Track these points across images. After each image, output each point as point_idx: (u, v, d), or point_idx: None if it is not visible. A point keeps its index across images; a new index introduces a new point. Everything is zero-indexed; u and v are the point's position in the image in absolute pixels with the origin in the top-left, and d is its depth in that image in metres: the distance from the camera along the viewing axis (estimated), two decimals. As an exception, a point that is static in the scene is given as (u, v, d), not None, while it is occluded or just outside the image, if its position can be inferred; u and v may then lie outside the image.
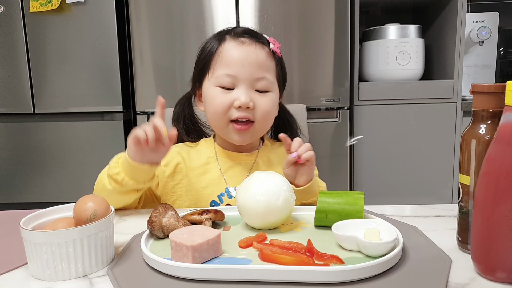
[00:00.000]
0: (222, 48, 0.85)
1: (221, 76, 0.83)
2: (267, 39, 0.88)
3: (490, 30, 2.01)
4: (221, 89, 0.84)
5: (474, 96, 0.57)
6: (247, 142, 0.89)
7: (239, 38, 0.85)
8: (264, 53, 0.85)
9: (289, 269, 0.50)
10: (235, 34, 0.87)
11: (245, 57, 0.83)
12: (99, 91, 1.81)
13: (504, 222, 0.48)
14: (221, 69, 0.84)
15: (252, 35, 0.87)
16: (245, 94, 0.82)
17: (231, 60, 0.83)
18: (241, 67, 0.83)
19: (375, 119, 1.84)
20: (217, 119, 0.86)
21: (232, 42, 0.85)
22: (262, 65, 0.85)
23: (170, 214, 0.63)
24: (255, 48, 0.85)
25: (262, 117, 0.85)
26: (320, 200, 0.66)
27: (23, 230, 0.53)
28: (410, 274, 0.51)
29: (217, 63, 0.85)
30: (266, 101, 0.85)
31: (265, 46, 0.86)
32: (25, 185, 1.90)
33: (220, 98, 0.84)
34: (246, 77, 0.83)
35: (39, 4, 1.74)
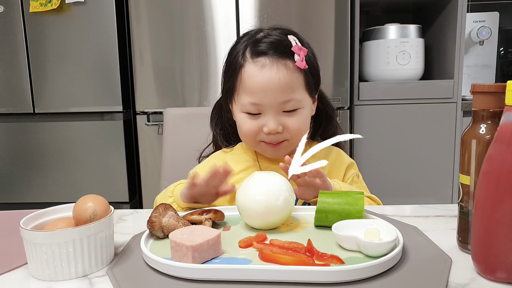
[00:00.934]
0: (243, 72, 0.81)
1: (246, 104, 0.80)
2: (292, 49, 0.80)
3: (490, 30, 2.01)
4: (247, 115, 0.82)
5: (474, 96, 0.57)
6: (282, 155, 0.83)
7: (259, 59, 0.79)
8: (287, 72, 0.79)
9: (289, 269, 0.50)
10: (256, 52, 0.80)
11: (267, 84, 0.78)
12: (99, 91, 1.81)
13: (504, 222, 0.48)
14: (245, 96, 0.80)
15: (274, 51, 0.79)
16: (272, 120, 0.79)
17: (253, 87, 0.79)
18: (264, 95, 0.78)
19: (375, 119, 1.84)
20: (247, 141, 0.86)
21: (253, 66, 0.79)
22: (286, 87, 0.79)
23: (170, 214, 0.63)
24: (277, 70, 0.78)
25: (294, 135, 0.82)
26: (320, 200, 0.66)
27: (23, 230, 0.53)
28: (410, 274, 0.51)
29: (240, 88, 0.81)
30: (295, 121, 0.81)
31: (289, 61, 0.80)
32: (25, 185, 1.90)
33: (248, 125, 0.82)
34: (271, 103, 0.79)
35: (39, 4, 1.74)
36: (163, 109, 1.33)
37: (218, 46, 1.77)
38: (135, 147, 1.91)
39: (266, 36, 0.83)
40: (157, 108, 1.80)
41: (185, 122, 1.21)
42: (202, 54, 1.77)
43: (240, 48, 0.83)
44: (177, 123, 1.22)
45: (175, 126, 1.20)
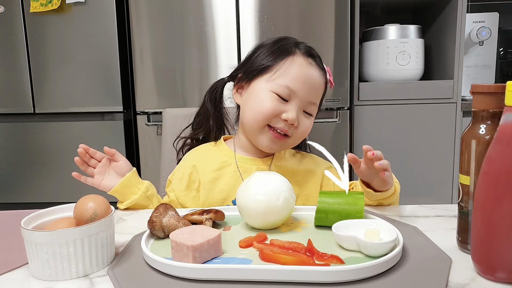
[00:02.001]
0: (292, 59, 0.86)
1: (282, 85, 0.84)
2: (326, 68, 0.90)
3: (490, 30, 2.01)
4: (276, 96, 0.84)
5: (474, 96, 0.57)
6: (276, 151, 0.90)
7: (308, 58, 0.87)
8: (323, 81, 0.88)
9: (289, 269, 0.50)
10: (308, 52, 0.88)
11: (309, 78, 0.85)
12: (99, 91, 1.81)
13: (504, 222, 0.48)
14: (285, 79, 0.84)
15: (320, 61, 0.90)
16: (294, 111, 0.84)
17: (297, 75, 0.84)
18: (302, 85, 0.84)
19: (375, 119, 1.84)
20: (257, 119, 0.85)
21: (302, 59, 0.86)
22: (318, 91, 0.88)
23: (170, 214, 0.63)
24: (319, 74, 0.87)
25: (299, 137, 0.88)
26: (320, 200, 0.66)
27: (24, 230, 0.53)
28: (410, 274, 0.52)
29: (284, 71, 0.85)
30: (307, 124, 0.87)
31: (324, 74, 0.89)
32: (25, 185, 1.90)
33: (272, 104, 0.84)
34: (302, 96, 0.84)
35: (39, 4, 1.74)
36: (163, 109, 1.33)
37: (218, 46, 1.77)
38: (135, 147, 1.92)
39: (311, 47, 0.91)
40: (157, 108, 1.80)
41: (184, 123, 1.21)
42: (202, 54, 1.77)
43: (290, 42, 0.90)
44: (176, 124, 1.22)
45: (174, 126, 1.20)
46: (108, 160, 0.89)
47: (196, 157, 0.93)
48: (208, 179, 0.89)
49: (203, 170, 0.90)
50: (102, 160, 0.88)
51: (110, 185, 0.85)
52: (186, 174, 0.91)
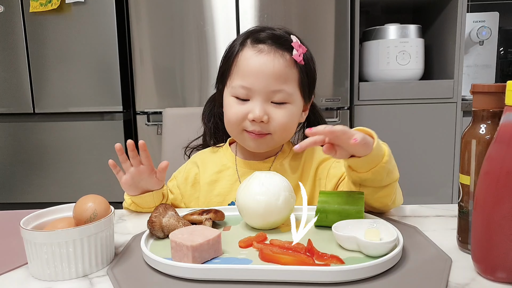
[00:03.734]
0: (240, 55, 0.81)
1: (237, 87, 0.80)
2: (292, 44, 0.81)
3: (490, 30, 2.01)
4: (236, 99, 0.81)
5: (474, 96, 0.57)
6: (263, 150, 0.85)
7: (258, 45, 0.80)
8: (283, 62, 0.79)
9: (289, 269, 0.50)
10: (255, 39, 0.81)
11: (261, 68, 0.78)
12: (99, 91, 1.81)
13: (504, 222, 0.48)
14: (237, 79, 0.81)
15: (274, 41, 0.80)
16: (259, 107, 0.78)
17: (247, 70, 0.79)
18: (256, 79, 0.78)
19: (375, 119, 1.84)
20: (231, 128, 0.84)
21: (250, 50, 0.80)
22: (279, 76, 0.79)
23: (170, 214, 0.63)
24: (273, 57, 0.79)
25: (279, 130, 0.81)
26: (320, 200, 0.66)
27: (23, 230, 0.53)
28: (410, 274, 0.51)
29: (234, 71, 0.82)
30: (282, 114, 0.80)
31: (286, 53, 0.80)
32: (25, 185, 1.90)
33: (234, 109, 0.81)
34: (261, 89, 0.78)
35: (39, 4, 1.74)
36: (163, 109, 1.33)
37: (218, 46, 1.77)
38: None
39: (269, 29, 0.84)
40: (157, 108, 1.80)
41: (184, 122, 1.21)
42: (202, 54, 1.77)
43: (241, 37, 0.85)
44: (176, 123, 1.22)
45: (174, 126, 1.20)
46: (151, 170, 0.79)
47: (200, 159, 0.93)
48: (207, 181, 0.88)
49: (204, 172, 0.90)
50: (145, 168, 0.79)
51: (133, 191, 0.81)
52: (191, 174, 0.90)
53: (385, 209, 0.73)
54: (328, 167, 0.87)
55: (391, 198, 0.71)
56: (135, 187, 0.80)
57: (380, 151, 0.65)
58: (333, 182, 0.85)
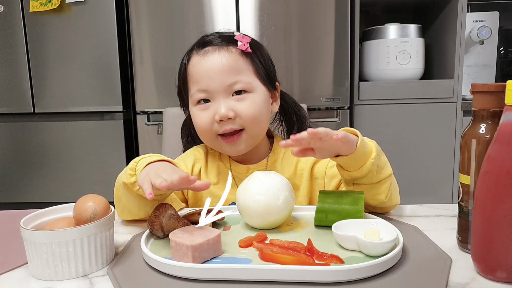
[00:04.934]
0: (189, 66, 0.83)
1: (194, 93, 0.81)
2: (234, 37, 0.82)
3: (490, 29, 2.01)
4: (199, 105, 0.81)
5: (474, 95, 0.57)
6: (243, 151, 0.83)
7: (202, 49, 0.82)
8: (229, 56, 0.80)
9: (289, 268, 0.50)
10: (199, 45, 0.83)
11: (211, 68, 0.79)
12: (99, 91, 1.81)
13: (504, 222, 0.48)
14: (193, 86, 0.81)
15: (217, 40, 0.82)
16: (222, 105, 0.78)
17: (199, 75, 0.80)
18: (209, 79, 0.79)
19: (375, 119, 1.84)
20: (204, 137, 0.84)
21: (196, 57, 0.82)
22: (230, 69, 0.79)
23: (170, 213, 0.63)
24: (218, 54, 0.80)
25: (250, 122, 0.80)
26: (320, 200, 0.66)
27: (23, 229, 0.53)
28: (410, 273, 0.51)
29: (189, 82, 0.83)
30: (247, 105, 0.79)
31: (232, 47, 0.81)
32: (25, 185, 1.90)
33: (201, 117, 0.81)
34: (217, 88, 0.79)
35: (39, 4, 1.74)
36: (163, 109, 1.33)
37: (218, 46, 1.77)
38: (135, 147, 1.92)
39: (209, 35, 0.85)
40: (157, 108, 1.80)
41: (185, 122, 1.21)
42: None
43: (186, 55, 0.86)
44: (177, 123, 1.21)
45: (174, 125, 1.20)
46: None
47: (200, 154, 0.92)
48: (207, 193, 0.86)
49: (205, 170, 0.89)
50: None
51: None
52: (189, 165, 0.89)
53: (381, 206, 0.73)
54: (325, 166, 0.86)
55: (385, 195, 0.70)
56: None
57: (366, 148, 0.65)
58: (334, 182, 0.85)
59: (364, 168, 0.65)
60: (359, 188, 0.69)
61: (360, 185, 0.69)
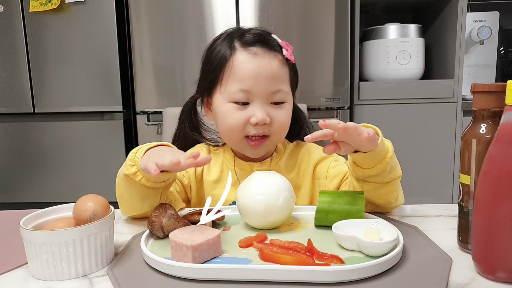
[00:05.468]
0: (234, 60, 0.80)
1: (235, 92, 0.78)
2: (279, 43, 0.82)
3: (491, 29, 2.01)
4: (235, 105, 0.79)
5: (475, 95, 0.57)
6: (261, 155, 0.85)
7: (250, 48, 0.79)
8: (277, 63, 0.80)
9: (289, 269, 0.50)
10: (245, 42, 0.80)
11: (259, 71, 0.78)
12: (99, 91, 1.81)
13: (504, 222, 0.48)
14: (234, 84, 0.79)
15: (264, 43, 0.80)
16: (261, 110, 0.78)
17: (245, 74, 0.78)
18: (255, 82, 0.78)
19: (375, 119, 1.84)
20: (231, 135, 0.82)
21: (244, 54, 0.79)
22: (276, 77, 0.79)
23: (170, 213, 0.63)
24: (269, 59, 0.79)
25: (278, 131, 0.81)
26: (320, 200, 0.66)
27: (23, 230, 0.53)
28: (411, 274, 0.51)
29: (229, 77, 0.80)
30: (282, 114, 0.81)
31: (278, 53, 0.81)
32: (25, 185, 1.90)
33: (235, 116, 0.79)
34: (261, 92, 0.78)
35: (39, 4, 1.74)
36: (163, 109, 1.33)
37: (218, 46, 1.77)
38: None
39: (249, 30, 0.83)
40: (157, 108, 1.80)
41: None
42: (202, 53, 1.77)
43: (225, 42, 0.83)
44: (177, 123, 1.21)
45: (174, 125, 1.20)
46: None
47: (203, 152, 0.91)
48: (212, 179, 0.87)
49: (208, 168, 0.88)
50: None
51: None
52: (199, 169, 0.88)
53: (387, 206, 0.73)
54: (326, 166, 0.87)
55: (393, 195, 0.71)
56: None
57: (384, 147, 0.66)
58: (335, 182, 0.84)
59: (379, 167, 0.65)
60: (368, 186, 0.69)
61: (370, 183, 0.69)
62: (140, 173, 0.66)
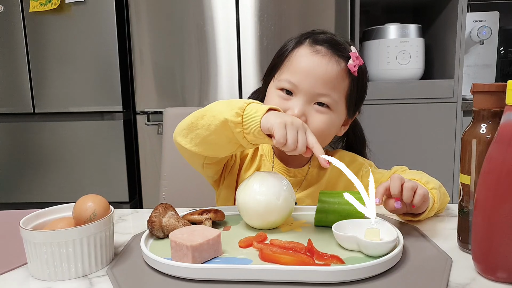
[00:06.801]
0: (295, 52, 0.80)
1: (283, 80, 0.78)
2: (350, 53, 0.78)
3: (491, 29, 2.01)
4: (280, 93, 0.79)
5: (475, 95, 0.57)
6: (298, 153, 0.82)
7: (316, 46, 0.79)
8: (336, 69, 0.77)
9: (289, 269, 0.50)
10: (314, 40, 0.80)
11: (313, 68, 0.76)
12: (99, 91, 1.81)
13: (504, 222, 0.48)
14: (286, 73, 0.79)
15: (332, 45, 0.79)
16: (299, 106, 0.75)
17: (298, 67, 0.78)
18: (304, 77, 0.76)
19: (375, 119, 1.84)
20: None
21: (307, 49, 0.79)
22: (328, 81, 0.76)
23: (170, 214, 0.63)
24: (328, 61, 0.77)
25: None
26: (320, 200, 0.66)
27: (23, 230, 0.53)
28: (411, 274, 0.51)
29: (285, 66, 0.80)
30: (321, 119, 0.77)
31: (342, 61, 0.78)
32: (25, 185, 1.90)
33: (275, 102, 0.78)
34: (306, 89, 0.76)
35: (38, 4, 1.74)
36: (163, 109, 1.32)
37: (218, 46, 1.77)
38: (135, 147, 1.91)
39: (330, 34, 0.83)
40: (157, 108, 1.80)
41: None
42: (202, 54, 1.77)
43: (301, 36, 0.83)
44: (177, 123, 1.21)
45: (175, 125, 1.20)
46: None
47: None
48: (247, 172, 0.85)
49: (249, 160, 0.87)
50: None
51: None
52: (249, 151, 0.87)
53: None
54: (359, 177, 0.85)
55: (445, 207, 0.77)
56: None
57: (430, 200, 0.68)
58: None
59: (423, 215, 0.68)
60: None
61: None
62: (242, 126, 0.62)
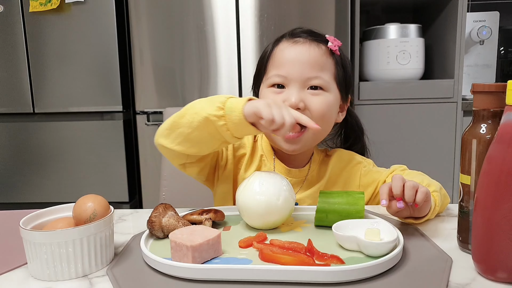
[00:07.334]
0: (276, 50, 0.82)
1: (272, 76, 0.80)
2: (326, 37, 0.82)
3: (491, 29, 2.01)
4: (272, 89, 0.80)
5: (475, 95, 0.57)
6: (297, 151, 0.81)
7: (294, 38, 0.82)
8: (319, 51, 0.80)
9: (289, 269, 0.50)
10: (292, 34, 0.83)
11: (296, 56, 0.79)
12: (99, 91, 1.81)
13: (505, 222, 0.48)
14: (273, 70, 0.81)
15: (309, 34, 0.82)
16: (295, 94, 0.76)
17: (283, 60, 0.80)
18: (292, 67, 0.78)
19: (375, 119, 1.84)
20: None
21: (286, 43, 0.82)
22: (315, 63, 0.78)
23: (170, 214, 0.63)
24: (309, 46, 0.80)
25: (316, 119, 0.74)
26: (320, 200, 0.66)
27: (23, 230, 0.53)
28: (411, 274, 0.51)
29: (270, 65, 0.82)
30: (319, 101, 0.78)
31: (322, 44, 0.81)
32: (25, 185, 1.90)
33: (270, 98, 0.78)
34: (297, 77, 0.77)
35: (38, 4, 1.74)
36: (163, 109, 1.33)
37: (218, 46, 1.77)
38: (135, 147, 1.91)
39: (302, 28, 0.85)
40: (157, 108, 1.80)
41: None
42: (202, 54, 1.77)
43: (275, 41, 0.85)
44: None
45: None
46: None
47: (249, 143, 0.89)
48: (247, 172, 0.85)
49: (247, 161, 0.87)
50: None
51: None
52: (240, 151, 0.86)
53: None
54: (358, 177, 0.87)
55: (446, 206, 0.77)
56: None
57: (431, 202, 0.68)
58: (370, 191, 0.85)
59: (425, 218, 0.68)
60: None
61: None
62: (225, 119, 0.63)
